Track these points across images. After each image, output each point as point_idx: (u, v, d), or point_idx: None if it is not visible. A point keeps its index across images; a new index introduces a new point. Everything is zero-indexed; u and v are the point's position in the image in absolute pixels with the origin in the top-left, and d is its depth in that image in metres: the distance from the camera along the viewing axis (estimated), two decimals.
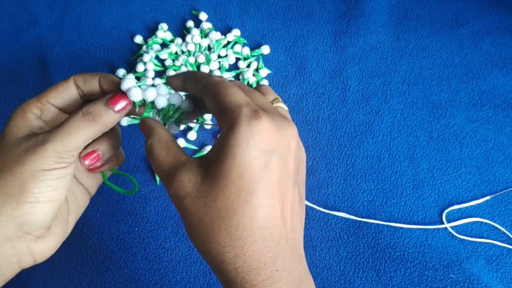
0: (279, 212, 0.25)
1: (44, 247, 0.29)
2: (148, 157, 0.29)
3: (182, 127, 0.50)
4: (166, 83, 0.33)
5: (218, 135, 0.26)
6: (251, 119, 0.24)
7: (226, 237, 0.24)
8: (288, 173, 0.26)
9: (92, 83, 0.30)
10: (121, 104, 0.29)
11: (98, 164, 0.32)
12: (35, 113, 0.30)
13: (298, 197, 0.27)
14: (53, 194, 0.28)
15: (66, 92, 0.31)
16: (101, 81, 0.30)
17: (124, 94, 0.29)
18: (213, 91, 0.27)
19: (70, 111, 0.32)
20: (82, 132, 0.28)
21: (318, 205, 0.47)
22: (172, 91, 0.31)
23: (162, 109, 0.31)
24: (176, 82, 0.31)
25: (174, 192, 0.26)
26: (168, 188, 0.26)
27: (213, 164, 0.25)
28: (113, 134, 0.32)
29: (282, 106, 0.30)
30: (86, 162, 0.31)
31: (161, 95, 0.30)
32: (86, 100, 0.31)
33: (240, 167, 0.24)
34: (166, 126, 0.32)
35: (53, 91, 0.31)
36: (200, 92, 0.28)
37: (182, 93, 0.32)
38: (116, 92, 0.29)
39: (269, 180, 0.24)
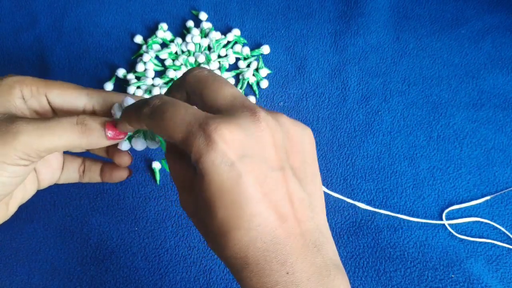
0: (273, 213, 0.23)
1: None
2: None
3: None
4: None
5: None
6: (206, 141, 0.22)
7: (227, 251, 0.23)
8: (271, 166, 0.24)
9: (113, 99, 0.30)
10: (116, 134, 0.28)
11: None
12: (24, 94, 0.27)
13: (296, 182, 0.25)
14: (0, 190, 0.26)
15: (71, 98, 0.29)
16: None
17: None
18: (154, 122, 0.24)
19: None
20: (66, 138, 0.26)
21: None
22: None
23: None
24: (126, 126, 0.28)
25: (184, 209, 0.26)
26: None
27: (196, 189, 0.24)
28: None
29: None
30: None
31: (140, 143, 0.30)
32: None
33: (217, 188, 0.23)
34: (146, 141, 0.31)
35: (57, 88, 0.28)
36: (146, 126, 0.26)
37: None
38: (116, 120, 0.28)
39: (249, 187, 0.23)
